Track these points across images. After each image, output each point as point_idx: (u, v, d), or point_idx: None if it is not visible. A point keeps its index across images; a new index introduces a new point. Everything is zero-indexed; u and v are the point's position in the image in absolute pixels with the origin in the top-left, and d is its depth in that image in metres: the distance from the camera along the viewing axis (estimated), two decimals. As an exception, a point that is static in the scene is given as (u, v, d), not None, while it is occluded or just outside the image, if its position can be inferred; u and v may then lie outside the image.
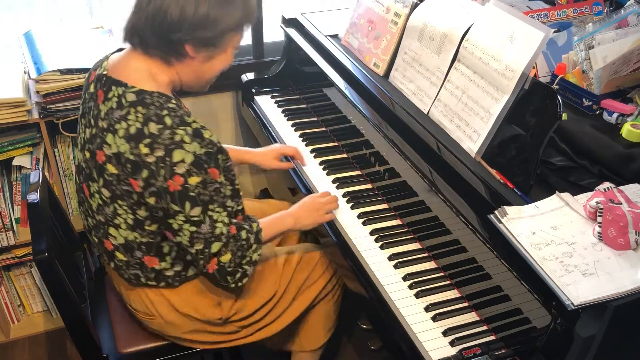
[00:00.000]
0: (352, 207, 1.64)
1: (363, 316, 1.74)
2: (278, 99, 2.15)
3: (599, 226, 1.13)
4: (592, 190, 1.21)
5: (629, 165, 1.27)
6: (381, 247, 1.50)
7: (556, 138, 1.38)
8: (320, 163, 1.83)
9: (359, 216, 1.60)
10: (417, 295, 1.37)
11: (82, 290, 1.67)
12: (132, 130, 1.23)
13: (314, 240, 1.89)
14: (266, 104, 2.13)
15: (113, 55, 1.37)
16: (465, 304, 1.36)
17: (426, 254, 1.49)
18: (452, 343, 1.26)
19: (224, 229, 1.31)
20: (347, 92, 1.75)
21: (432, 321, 1.31)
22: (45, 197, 1.48)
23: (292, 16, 2.12)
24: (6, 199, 1.94)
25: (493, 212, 1.17)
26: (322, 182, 1.73)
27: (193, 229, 1.28)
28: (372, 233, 1.54)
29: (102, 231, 1.39)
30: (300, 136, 1.96)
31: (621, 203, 1.14)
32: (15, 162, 1.92)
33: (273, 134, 1.99)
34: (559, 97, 1.22)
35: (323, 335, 1.72)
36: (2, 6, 2.04)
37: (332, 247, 1.60)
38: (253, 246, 1.39)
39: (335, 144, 1.93)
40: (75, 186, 1.56)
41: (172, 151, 1.22)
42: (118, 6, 2.20)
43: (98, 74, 1.36)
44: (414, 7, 1.62)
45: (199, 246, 1.30)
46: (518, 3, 1.75)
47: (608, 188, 1.19)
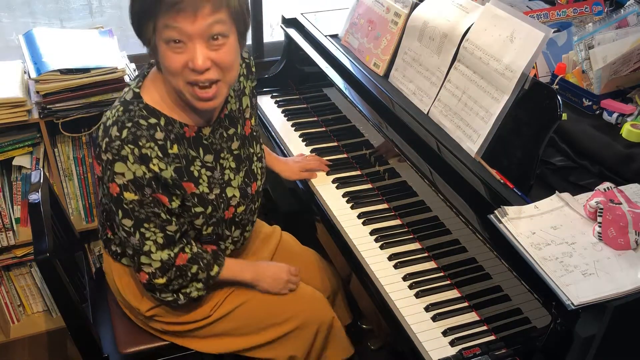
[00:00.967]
0: (352, 207, 1.64)
1: (363, 316, 1.75)
2: (278, 99, 2.15)
3: (599, 226, 1.13)
4: (592, 190, 1.21)
5: (629, 165, 1.27)
6: (381, 247, 1.51)
7: (556, 138, 1.38)
8: (320, 163, 1.82)
9: (359, 216, 1.60)
10: (417, 295, 1.37)
11: (83, 290, 1.67)
12: (107, 122, 1.25)
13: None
14: (266, 104, 2.13)
15: None
16: (465, 304, 1.36)
17: (426, 254, 1.49)
18: (452, 343, 1.26)
19: (153, 248, 1.31)
20: (347, 92, 1.75)
21: (432, 321, 1.31)
22: (45, 197, 1.48)
23: (292, 16, 2.12)
24: (6, 199, 1.95)
25: (493, 212, 1.17)
26: (322, 182, 1.73)
27: (123, 235, 1.31)
28: (372, 233, 1.54)
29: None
30: (300, 136, 1.96)
31: (621, 203, 1.15)
32: (15, 162, 1.92)
33: (273, 134, 1.99)
34: (559, 97, 1.22)
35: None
36: (2, 6, 2.04)
37: (334, 249, 1.61)
38: (198, 284, 1.40)
39: (335, 144, 1.93)
40: None
41: (116, 161, 1.23)
42: (118, 6, 2.20)
43: (152, 61, 1.33)
44: (414, 7, 1.62)
45: (130, 251, 1.33)
46: (518, 3, 1.75)
47: (608, 188, 1.19)
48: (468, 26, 1.44)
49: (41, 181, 1.50)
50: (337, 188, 1.71)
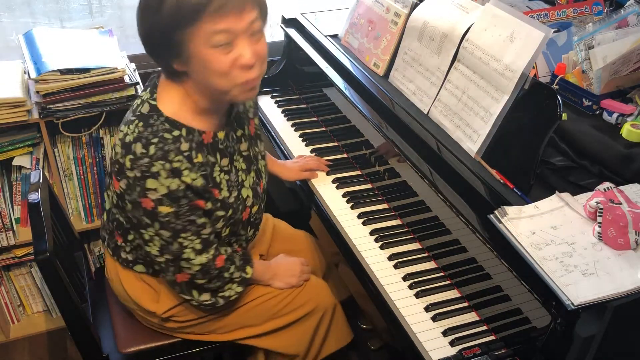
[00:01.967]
0: (352, 207, 1.64)
1: (363, 316, 1.75)
2: (278, 99, 2.15)
3: (599, 226, 1.13)
4: (592, 190, 1.21)
5: (629, 165, 1.27)
6: (381, 247, 1.51)
7: (556, 138, 1.38)
8: (320, 163, 1.82)
9: (359, 216, 1.60)
10: (417, 295, 1.37)
11: (83, 290, 1.67)
12: (127, 139, 1.24)
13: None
14: (266, 104, 2.13)
15: None
16: (465, 304, 1.36)
17: (426, 254, 1.49)
18: (452, 343, 1.26)
19: (192, 255, 1.32)
20: (347, 92, 1.75)
21: (432, 321, 1.31)
22: (45, 197, 1.48)
23: (292, 16, 2.12)
24: (6, 199, 1.95)
25: (493, 212, 1.17)
26: (322, 182, 1.73)
27: (163, 243, 1.31)
28: (372, 233, 1.54)
29: (106, 189, 1.45)
30: (300, 136, 1.96)
31: (621, 203, 1.15)
32: (15, 162, 1.92)
33: (273, 134, 1.99)
34: (559, 97, 1.22)
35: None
36: (2, 6, 2.04)
37: (330, 242, 1.61)
38: (234, 286, 1.43)
39: (335, 144, 1.93)
40: None
41: (147, 178, 1.22)
42: (118, 6, 2.20)
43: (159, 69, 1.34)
44: (414, 7, 1.62)
45: (169, 256, 1.33)
46: (518, 3, 1.75)
47: (608, 188, 1.19)
48: (468, 26, 1.44)
49: (41, 181, 1.50)
50: (337, 188, 1.71)
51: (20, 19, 2.09)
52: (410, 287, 1.39)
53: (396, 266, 1.45)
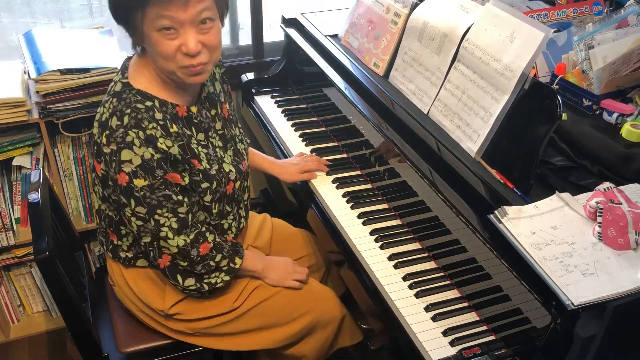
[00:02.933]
0: (352, 207, 1.64)
1: (363, 316, 1.75)
2: (278, 99, 2.15)
3: (599, 226, 1.13)
4: (592, 190, 1.21)
5: (629, 165, 1.27)
6: (381, 247, 1.51)
7: (556, 138, 1.38)
8: (320, 163, 1.82)
9: (359, 216, 1.60)
10: (417, 295, 1.37)
11: (83, 289, 1.67)
12: (103, 118, 1.27)
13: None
14: (266, 104, 2.13)
15: None
16: (465, 304, 1.36)
17: (426, 254, 1.49)
18: (452, 343, 1.26)
19: (170, 234, 1.33)
20: (347, 92, 1.75)
21: (432, 321, 1.31)
22: (45, 197, 1.48)
23: (292, 16, 2.12)
24: (6, 199, 1.95)
25: (493, 212, 1.17)
26: (322, 182, 1.74)
27: (140, 223, 1.32)
28: (372, 233, 1.54)
29: (93, 189, 1.47)
30: (300, 136, 1.96)
31: (621, 203, 1.15)
32: (15, 162, 1.92)
33: (273, 134, 1.99)
34: (559, 97, 1.22)
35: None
36: (2, 6, 2.04)
37: (329, 241, 1.61)
38: (222, 274, 1.43)
39: (335, 144, 1.93)
40: None
41: (122, 150, 1.24)
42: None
43: (129, 55, 1.40)
44: (414, 7, 1.62)
45: (147, 239, 1.34)
46: (518, 3, 1.75)
47: (608, 188, 1.19)
48: (468, 26, 1.44)
49: (41, 181, 1.50)
50: (337, 188, 1.71)
51: (20, 19, 2.09)
52: (410, 287, 1.39)
53: (396, 266, 1.45)
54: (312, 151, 1.88)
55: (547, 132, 1.23)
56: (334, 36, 1.95)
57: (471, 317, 1.33)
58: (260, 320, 1.54)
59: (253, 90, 2.19)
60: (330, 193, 1.69)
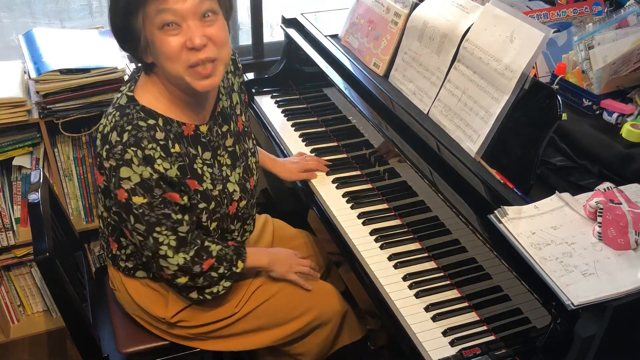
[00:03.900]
0: (352, 207, 1.64)
1: (363, 316, 1.75)
2: (278, 99, 2.15)
3: (599, 226, 1.13)
4: (592, 190, 1.21)
5: (629, 165, 1.27)
6: (381, 247, 1.51)
7: (556, 138, 1.38)
8: (320, 163, 1.82)
9: (359, 216, 1.60)
10: (417, 295, 1.37)
11: (83, 290, 1.67)
12: (105, 130, 1.26)
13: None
14: (266, 104, 2.13)
15: None
16: (465, 304, 1.36)
17: (426, 254, 1.49)
18: (452, 343, 1.26)
19: (170, 252, 1.32)
20: (347, 92, 1.75)
21: (432, 321, 1.31)
22: (45, 197, 1.48)
23: (292, 16, 2.12)
24: (6, 199, 1.95)
25: (493, 212, 1.17)
26: (322, 182, 1.74)
27: (140, 239, 1.31)
28: (372, 233, 1.54)
29: (96, 195, 1.46)
30: (300, 136, 1.96)
31: (621, 203, 1.15)
32: (15, 162, 1.92)
33: (273, 134, 1.99)
34: (559, 97, 1.22)
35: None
36: (2, 6, 2.04)
37: (329, 241, 1.61)
38: (223, 282, 1.43)
39: (335, 144, 1.93)
40: None
41: (120, 167, 1.23)
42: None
43: (139, 65, 1.38)
44: (414, 7, 1.62)
45: (148, 253, 1.33)
46: (518, 3, 1.75)
47: (608, 188, 1.19)
48: (468, 26, 1.44)
49: (41, 181, 1.50)
50: (337, 188, 1.71)
51: (20, 19, 2.09)
52: (410, 287, 1.39)
53: (396, 266, 1.45)
54: (312, 151, 1.88)
55: (547, 132, 1.22)
56: (334, 36, 1.95)
57: (471, 317, 1.33)
58: (262, 320, 1.54)
59: (253, 90, 2.19)
60: (330, 193, 1.69)
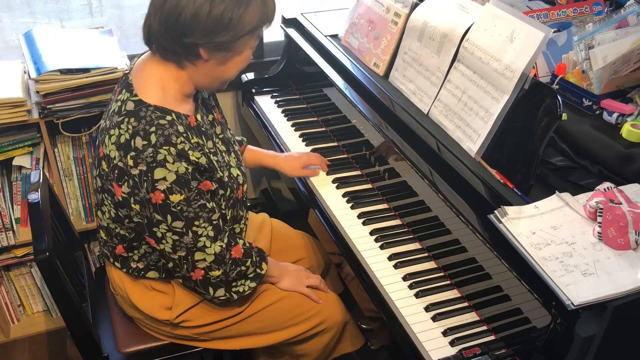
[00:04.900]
0: (352, 207, 1.64)
1: (363, 316, 1.74)
2: (278, 99, 2.15)
3: (599, 226, 1.13)
4: (592, 190, 1.21)
5: (629, 165, 1.27)
6: (381, 247, 1.51)
7: (556, 138, 1.38)
8: (320, 163, 1.82)
9: (359, 216, 1.60)
10: (417, 295, 1.37)
11: (83, 290, 1.67)
12: (122, 139, 1.24)
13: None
14: (266, 104, 2.13)
15: (145, 53, 1.37)
16: (465, 304, 1.36)
17: (426, 254, 1.49)
18: (452, 343, 1.26)
19: (208, 242, 1.33)
20: (347, 92, 1.75)
21: (432, 321, 1.31)
22: (45, 197, 1.48)
23: (292, 16, 2.12)
24: (6, 199, 1.95)
25: (493, 212, 1.17)
26: (322, 182, 1.74)
27: (176, 238, 1.31)
28: (372, 233, 1.54)
29: (97, 208, 1.45)
30: (300, 136, 1.96)
31: (621, 203, 1.15)
32: (15, 162, 1.92)
33: (273, 134, 1.99)
34: (559, 97, 1.22)
35: None
36: (2, 6, 2.04)
37: (329, 241, 1.61)
38: (248, 282, 1.43)
39: (335, 144, 1.93)
40: None
41: (154, 169, 1.23)
42: (118, 6, 2.20)
43: (125, 71, 1.38)
44: (414, 7, 1.62)
45: (182, 253, 1.33)
46: (518, 3, 1.75)
47: (608, 188, 1.19)
48: (468, 26, 1.44)
49: (41, 181, 1.50)
50: (337, 188, 1.71)
51: (20, 19, 2.09)
52: (410, 287, 1.39)
53: (396, 266, 1.45)
54: (312, 151, 1.88)
55: (547, 132, 1.23)
56: (334, 36, 1.95)
57: (471, 317, 1.33)
58: (266, 322, 1.54)
59: (253, 90, 2.19)
60: (330, 193, 1.69)
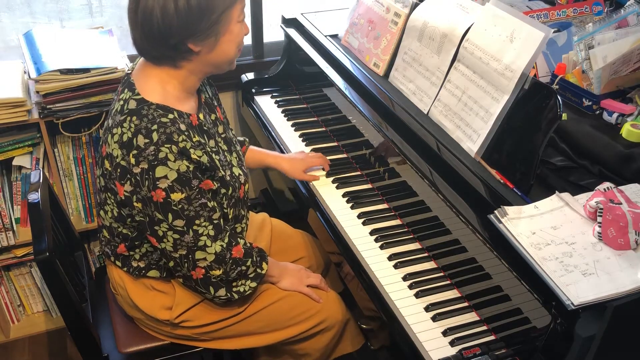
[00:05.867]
0: (352, 207, 1.64)
1: (363, 316, 1.75)
2: (278, 99, 2.15)
3: (599, 226, 1.13)
4: (592, 190, 1.21)
5: (629, 165, 1.27)
6: (381, 247, 1.51)
7: (556, 138, 1.38)
8: (320, 163, 1.82)
9: (359, 216, 1.60)
10: (417, 295, 1.37)
11: (83, 290, 1.67)
12: (125, 138, 1.25)
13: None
14: (266, 104, 2.13)
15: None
16: (465, 304, 1.36)
17: (426, 254, 1.49)
18: (452, 343, 1.26)
19: (208, 242, 1.33)
20: (347, 92, 1.75)
21: (432, 321, 1.31)
22: (45, 197, 1.48)
23: (292, 16, 2.12)
24: (6, 199, 1.95)
25: (493, 212, 1.17)
26: (322, 182, 1.74)
27: (176, 237, 1.31)
28: (372, 233, 1.54)
29: (99, 208, 1.45)
30: (300, 136, 1.96)
31: (621, 203, 1.15)
32: (15, 162, 1.92)
33: (273, 134, 1.99)
34: (559, 97, 1.22)
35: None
36: (2, 6, 2.04)
37: (329, 241, 1.61)
38: (249, 282, 1.44)
39: (335, 144, 1.93)
40: None
41: (155, 167, 1.23)
42: (118, 6, 2.20)
43: (127, 71, 1.38)
44: (414, 7, 1.62)
45: (183, 252, 1.33)
46: (518, 3, 1.75)
47: (608, 188, 1.19)
48: (468, 26, 1.44)
49: (41, 181, 1.50)
50: (337, 188, 1.71)
51: (20, 19, 2.09)
52: (410, 287, 1.39)
53: (396, 266, 1.45)
54: (312, 151, 1.88)
55: (547, 132, 1.23)
56: (334, 36, 1.95)
57: (471, 317, 1.33)
58: (266, 322, 1.54)
59: (253, 90, 2.19)
60: (330, 193, 1.69)
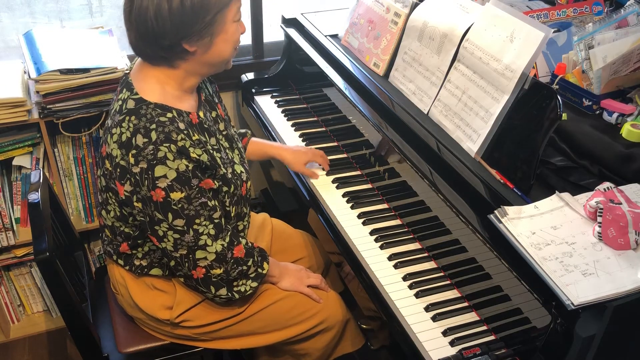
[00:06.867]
0: (352, 207, 1.64)
1: (363, 316, 1.75)
2: (278, 99, 2.15)
3: (599, 226, 1.13)
4: (592, 190, 1.21)
5: (629, 165, 1.27)
6: (381, 247, 1.51)
7: (556, 138, 1.38)
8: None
9: (359, 216, 1.60)
10: (417, 295, 1.37)
11: (83, 290, 1.67)
12: (124, 138, 1.25)
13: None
14: (266, 104, 2.13)
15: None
16: (465, 304, 1.36)
17: (426, 254, 1.49)
18: (452, 343, 1.26)
19: (209, 241, 1.33)
20: (347, 92, 1.75)
21: (432, 321, 1.31)
22: (45, 197, 1.48)
23: (292, 16, 2.12)
24: (6, 199, 1.95)
25: (493, 212, 1.17)
26: (322, 182, 1.74)
27: (177, 236, 1.31)
28: (372, 233, 1.54)
29: (100, 208, 1.45)
30: (300, 136, 1.96)
31: (621, 203, 1.15)
32: (15, 162, 1.92)
33: (273, 134, 1.99)
34: (559, 97, 1.22)
35: None
36: (2, 6, 2.04)
37: (329, 241, 1.61)
38: (249, 281, 1.44)
39: (335, 144, 1.93)
40: None
41: (155, 166, 1.23)
42: (118, 6, 2.20)
43: (126, 71, 1.38)
44: (414, 7, 1.62)
45: (183, 251, 1.33)
46: (518, 3, 1.75)
47: (608, 188, 1.19)
48: (468, 26, 1.44)
49: (41, 181, 1.50)
50: (337, 188, 1.71)
51: (20, 19, 2.09)
52: (410, 287, 1.39)
53: (396, 266, 1.45)
54: (312, 151, 1.88)
55: (547, 132, 1.23)
56: (334, 36, 1.95)
57: (471, 317, 1.33)
58: (266, 322, 1.54)
59: (253, 90, 2.19)
60: (330, 193, 1.69)
